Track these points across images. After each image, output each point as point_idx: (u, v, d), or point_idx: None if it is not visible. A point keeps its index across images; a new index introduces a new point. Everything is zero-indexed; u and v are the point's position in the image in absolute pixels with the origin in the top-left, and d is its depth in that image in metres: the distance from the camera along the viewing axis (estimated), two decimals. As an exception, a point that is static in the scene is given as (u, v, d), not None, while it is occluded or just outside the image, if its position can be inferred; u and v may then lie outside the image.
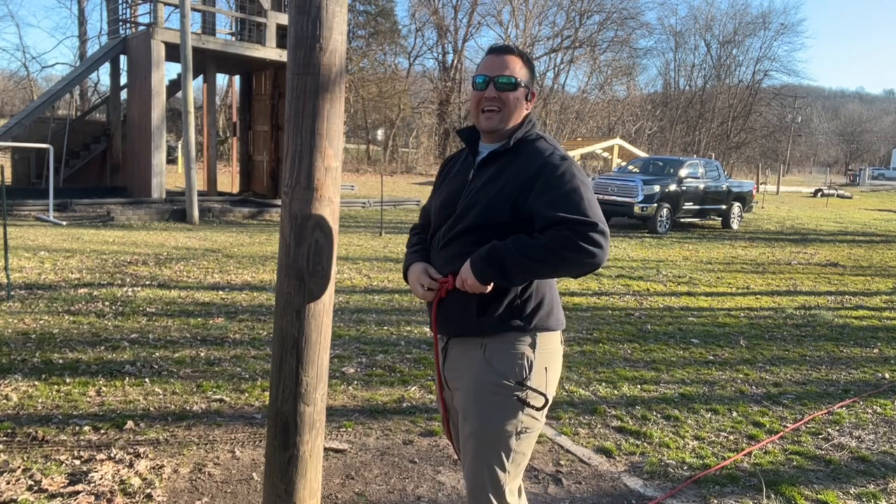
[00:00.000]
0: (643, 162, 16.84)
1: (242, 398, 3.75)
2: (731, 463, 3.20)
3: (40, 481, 2.70)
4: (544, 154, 1.77)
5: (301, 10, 1.78)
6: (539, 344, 1.79)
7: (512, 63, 1.82)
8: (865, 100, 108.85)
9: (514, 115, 1.84)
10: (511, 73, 1.81)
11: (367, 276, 7.62)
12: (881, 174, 61.13)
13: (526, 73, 1.85)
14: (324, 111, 1.83)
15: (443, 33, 39.01)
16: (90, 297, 5.93)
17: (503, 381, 1.75)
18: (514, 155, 1.81)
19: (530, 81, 1.87)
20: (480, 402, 1.78)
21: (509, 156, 1.82)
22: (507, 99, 1.81)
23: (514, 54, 1.85)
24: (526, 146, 1.82)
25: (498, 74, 1.81)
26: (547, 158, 1.76)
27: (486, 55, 1.88)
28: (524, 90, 1.84)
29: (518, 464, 1.82)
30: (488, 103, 1.82)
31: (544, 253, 1.63)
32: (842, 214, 21.47)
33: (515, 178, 1.75)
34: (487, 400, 1.77)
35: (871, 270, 9.79)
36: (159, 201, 13.60)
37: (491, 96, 1.81)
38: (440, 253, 1.86)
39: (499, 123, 1.83)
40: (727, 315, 6.43)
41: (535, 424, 1.81)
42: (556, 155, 1.77)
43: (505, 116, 1.83)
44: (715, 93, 50.85)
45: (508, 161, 1.81)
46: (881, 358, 5.20)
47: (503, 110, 1.82)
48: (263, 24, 15.02)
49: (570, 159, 1.77)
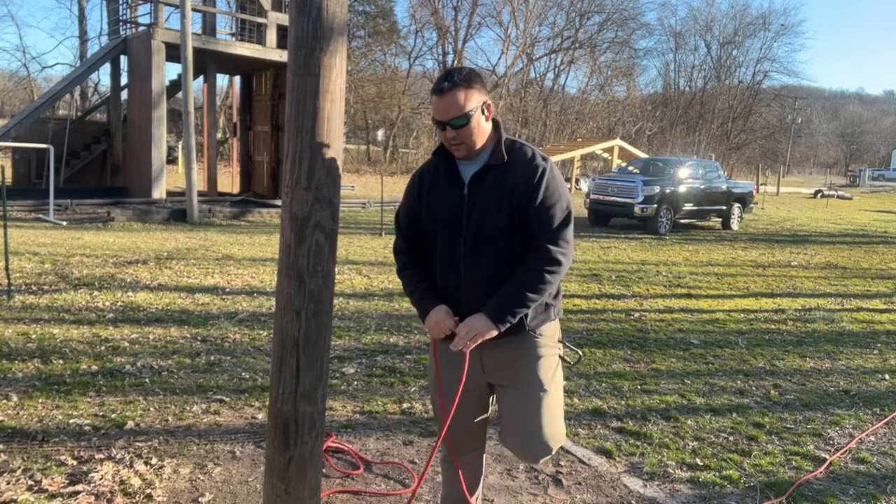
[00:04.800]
0: (643, 163, 16.83)
1: (242, 398, 3.75)
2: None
3: (40, 481, 2.70)
4: (534, 160, 2.00)
5: (301, 10, 1.79)
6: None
7: (455, 100, 1.92)
8: (865, 101, 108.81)
9: (479, 137, 2.00)
10: (458, 111, 1.92)
11: (367, 276, 7.62)
12: (881, 175, 61.21)
13: (473, 95, 1.94)
14: (324, 111, 1.83)
15: (443, 34, 39.01)
16: (90, 297, 5.93)
17: (549, 343, 2.11)
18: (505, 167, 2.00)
19: (481, 96, 1.97)
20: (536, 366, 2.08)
21: (502, 168, 2.00)
22: (467, 133, 1.96)
23: (455, 87, 1.92)
24: (512, 153, 2.01)
25: (449, 118, 1.93)
26: (538, 163, 1.99)
27: (432, 96, 1.98)
28: (478, 113, 1.96)
29: (560, 402, 2.15)
30: (453, 141, 1.98)
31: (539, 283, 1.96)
32: (842, 215, 21.47)
33: (515, 184, 1.97)
34: (542, 363, 2.09)
35: (871, 272, 9.79)
36: (159, 202, 13.60)
37: (451, 136, 1.96)
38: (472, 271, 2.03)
39: (468, 152, 2.01)
40: (727, 316, 6.43)
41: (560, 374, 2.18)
42: (540, 158, 2.01)
43: (471, 145, 1.99)
44: (715, 94, 50.86)
45: (503, 169, 2.00)
46: (881, 359, 5.20)
47: (467, 142, 1.98)
48: (264, 24, 15.03)
49: (550, 160, 2.05)
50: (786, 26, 53.70)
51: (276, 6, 15.17)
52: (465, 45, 39.36)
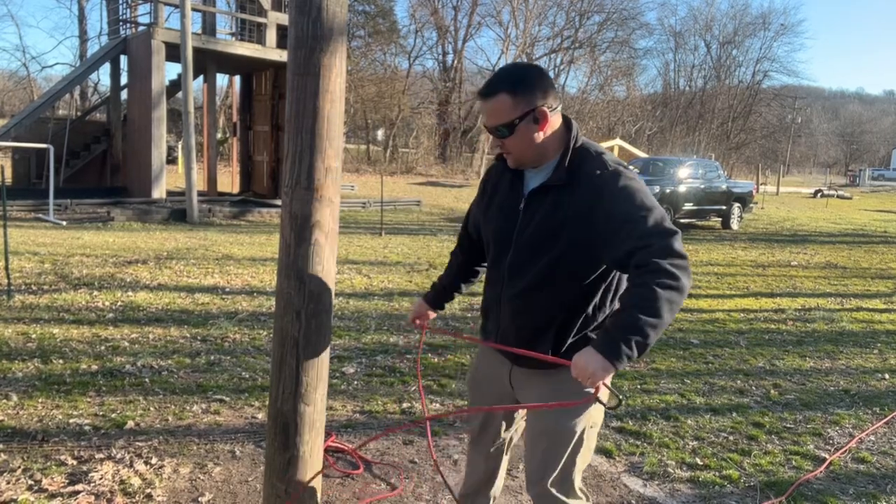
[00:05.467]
0: (643, 162, 16.82)
1: (242, 398, 3.75)
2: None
3: (40, 481, 2.70)
4: (596, 177, 1.67)
5: (301, 10, 1.79)
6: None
7: (498, 107, 1.69)
8: (865, 100, 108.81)
9: (528, 150, 1.73)
10: (499, 120, 1.69)
11: (367, 276, 7.62)
12: (881, 175, 61.21)
13: (519, 103, 1.68)
14: (324, 111, 1.83)
15: (443, 34, 39.02)
16: (90, 297, 5.93)
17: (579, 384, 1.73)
18: (570, 185, 1.71)
19: (528, 104, 1.68)
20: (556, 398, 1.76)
21: (567, 187, 1.71)
22: (510, 144, 1.73)
23: (499, 91, 1.68)
24: (577, 172, 1.70)
25: (492, 126, 1.72)
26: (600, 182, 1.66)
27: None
28: (525, 123, 1.69)
29: (586, 459, 1.85)
30: (501, 149, 1.78)
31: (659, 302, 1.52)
32: (842, 215, 21.47)
33: (575, 211, 1.67)
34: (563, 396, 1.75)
35: (871, 272, 9.79)
36: (159, 201, 13.60)
37: (497, 144, 1.76)
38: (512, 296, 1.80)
39: (518, 163, 1.78)
40: (727, 316, 6.43)
41: (600, 419, 1.86)
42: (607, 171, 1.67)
43: (519, 156, 1.76)
44: (715, 93, 50.84)
45: (563, 191, 1.71)
46: (881, 359, 5.20)
47: (514, 153, 1.76)
48: (264, 24, 15.03)
49: (621, 171, 1.67)
50: (786, 26, 53.71)
51: (276, 6, 15.17)
52: (465, 45, 39.40)
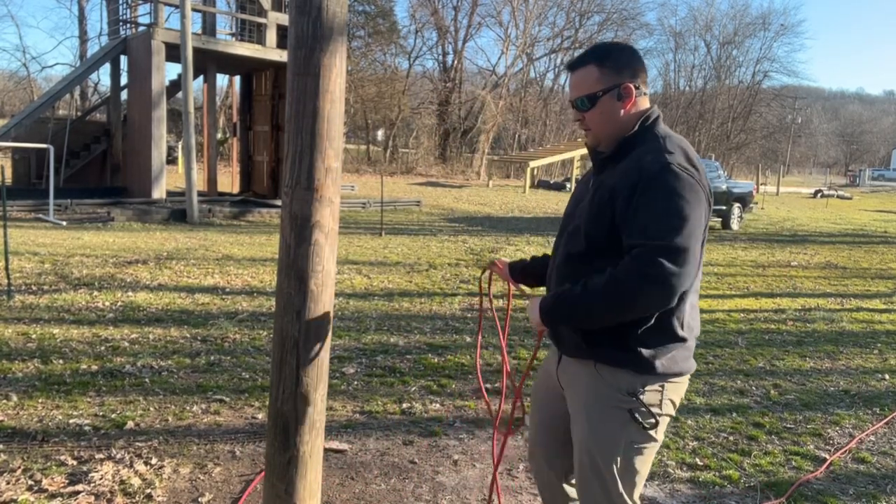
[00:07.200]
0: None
1: (242, 398, 3.75)
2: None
3: (40, 481, 2.70)
4: (643, 159, 1.60)
5: (301, 10, 1.79)
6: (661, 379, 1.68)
7: (583, 78, 1.70)
8: (865, 101, 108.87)
9: (608, 126, 1.71)
10: (581, 91, 1.70)
11: (367, 276, 7.62)
12: (881, 175, 61.23)
13: (606, 75, 1.68)
14: (324, 111, 1.83)
15: (443, 34, 39.02)
16: (90, 297, 5.93)
17: (615, 391, 1.66)
18: (617, 162, 1.68)
19: (615, 79, 1.68)
20: (590, 410, 1.70)
21: (614, 162, 1.70)
22: (592, 118, 1.72)
23: (587, 63, 1.70)
24: (632, 149, 1.66)
25: (574, 97, 1.73)
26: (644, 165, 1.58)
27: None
28: (608, 97, 1.68)
29: (629, 481, 1.71)
30: (580, 124, 1.77)
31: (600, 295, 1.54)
32: (842, 215, 21.46)
33: (616, 190, 1.61)
34: (597, 408, 1.69)
35: (871, 272, 9.78)
36: (159, 201, 13.60)
37: (577, 118, 1.76)
38: (555, 271, 1.80)
39: (595, 140, 1.77)
40: (727, 316, 6.43)
41: (649, 441, 1.71)
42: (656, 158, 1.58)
43: (597, 133, 1.74)
44: (715, 93, 50.83)
45: (613, 169, 1.68)
46: (881, 359, 5.20)
47: (593, 129, 1.74)
48: (264, 24, 15.03)
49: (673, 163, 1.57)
50: (786, 26, 53.64)
51: (276, 6, 15.17)
52: (465, 45, 39.41)
